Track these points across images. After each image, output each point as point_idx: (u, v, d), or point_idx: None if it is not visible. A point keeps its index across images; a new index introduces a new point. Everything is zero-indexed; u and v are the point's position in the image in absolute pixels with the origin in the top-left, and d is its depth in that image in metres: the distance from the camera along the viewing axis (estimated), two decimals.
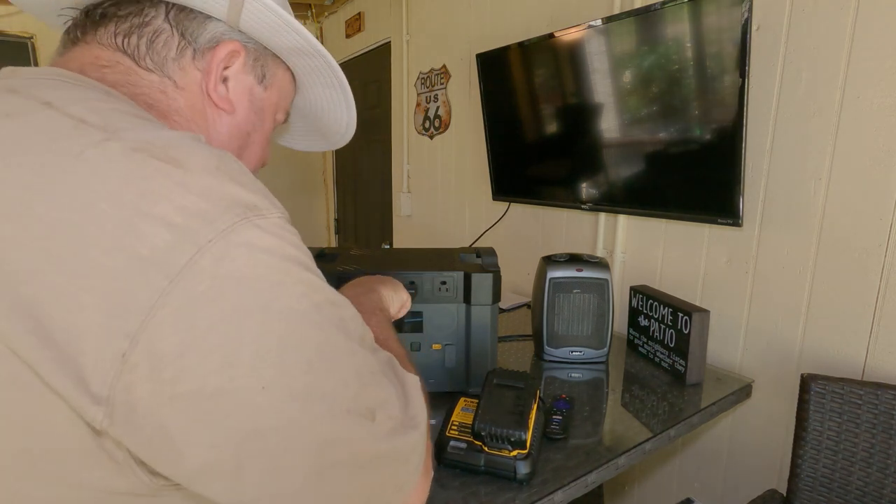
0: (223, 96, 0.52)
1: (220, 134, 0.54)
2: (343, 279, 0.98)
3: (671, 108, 1.23)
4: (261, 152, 0.60)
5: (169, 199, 0.34)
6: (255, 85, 0.55)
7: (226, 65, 0.51)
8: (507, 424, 0.77)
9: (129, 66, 0.47)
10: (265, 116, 0.58)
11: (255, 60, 0.54)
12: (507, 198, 1.86)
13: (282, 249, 0.38)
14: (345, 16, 3.01)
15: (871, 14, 0.97)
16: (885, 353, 1.01)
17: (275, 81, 0.57)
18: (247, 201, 0.37)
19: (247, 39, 0.52)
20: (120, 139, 0.36)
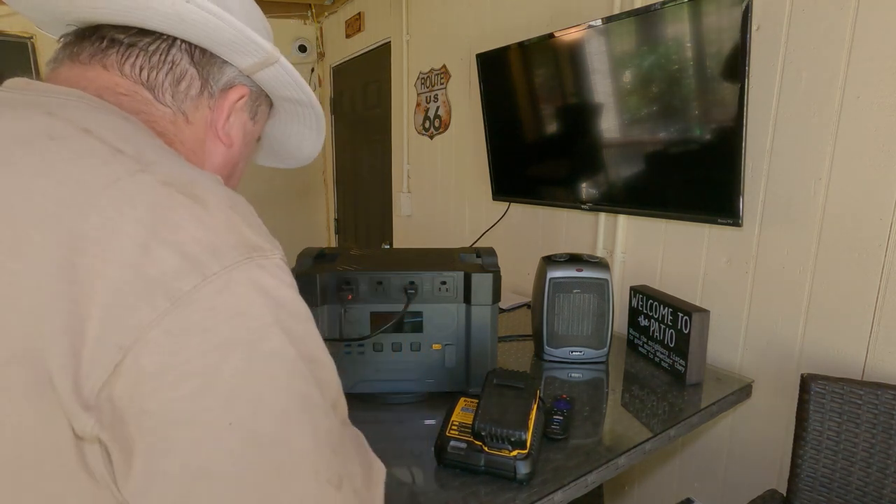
0: (226, 132, 0.57)
1: (215, 163, 0.58)
2: (343, 279, 0.98)
3: (671, 108, 1.23)
4: (241, 175, 0.66)
5: (186, 229, 0.37)
6: (248, 121, 0.60)
7: (235, 104, 0.57)
8: (507, 424, 0.77)
9: (146, 97, 0.50)
10: (251, 145, 0.63)
11: (254, 101, 0.59)
12: (507, 198, 1.86)
13: (279, 291, 0.40)
14: (345, 16, 3.01)
15: (871, 14, 0.97)
16: (885, 353, 1.01)
17: (262, 117, 0.63)
18: (254, 243, 0.41)
19: (252, 83, 0.57)
20: (151, 172, 0.39)
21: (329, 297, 0.99)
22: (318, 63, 3.35)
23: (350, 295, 0.98)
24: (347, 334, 1.00)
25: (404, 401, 1.05)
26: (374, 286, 0.99)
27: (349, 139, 3.22)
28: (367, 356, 1.02)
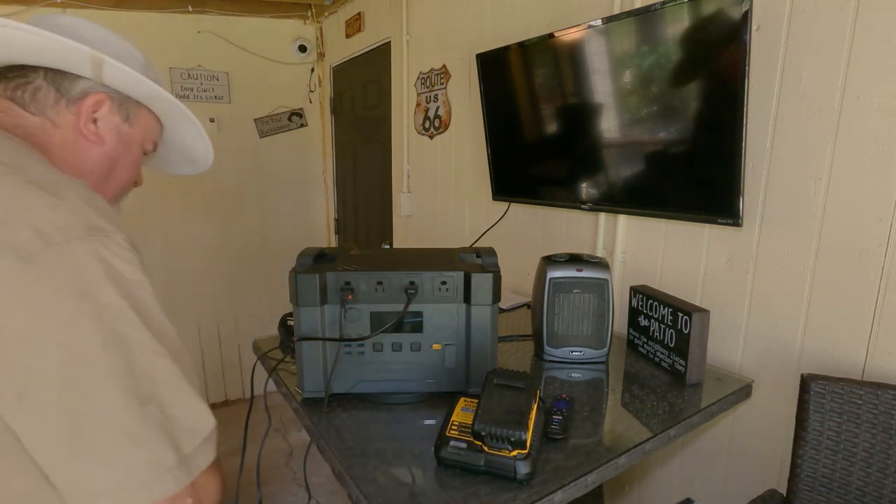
0: (93, 132, 0.69)
1: (91, 160, 0.70)
2: (343, 279, 0.98)
3: (671, 108, 1.23)
4: (130, 174, 0.78)
5: (39, 212, 0.51)
6: (121, 123, 0.73)
7: (94, 110, 0.69)
8: (507, 424, 0.77)
9: (19, 111, 0.65)
10: (132, 147, 0.75)
11: (119, 105, 0.72)
12: (507, 198, 1.86)
13: (113, 260, 0.54)
14: (345, 16, 3.01)
15: (871, 14, 0.97)
16: (885, 353, 1.01)
17: (138, 121, 0.75)
18: (97, 225, 0.54)
19: (112, 91, 0.70)
20: (21, 174, 0.55)
21: (329, 297, 0.99)
22: (318, 63, 3.35)
23: (350, 295, 0.98)
24: (347, 334, 1.00)
25: (404, 401, 1.05)
26: (374, 286, 0.99)
27: (349, 139, 3.22)
28: (367, 356, 1.02)
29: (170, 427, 0.53)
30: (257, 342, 1.35)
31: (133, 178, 0.79)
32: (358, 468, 0.84)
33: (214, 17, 2.98)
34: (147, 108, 0.75)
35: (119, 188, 0.77)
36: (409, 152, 2.53)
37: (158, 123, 0.80)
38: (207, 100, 3.02)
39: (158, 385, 0.53)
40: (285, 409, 1.12)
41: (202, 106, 3.02)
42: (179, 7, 2.85)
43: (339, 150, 3.36)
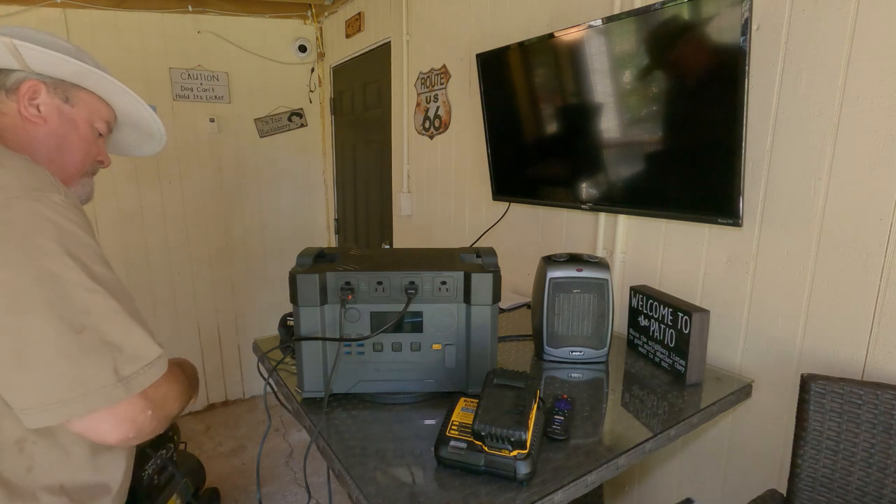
0: (34, 115, 0.79)
1: (37, 138, 0.80)
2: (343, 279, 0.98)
3: (671, 108, 1.23)
4: (83, 150, 0.85)
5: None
6: (62, 104, 0.82)
7: (31, 96, 0.78)
8: (507, 424, 0.77)
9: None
10: (78, 125, 0.84)
11: (55, 89, 0.81)
12: (508, 198, 1.86)
13: (52, 213, 0.63)
14: (345, 16, 3.01)
15: (871, 14, 0.97)
16: (885, 353, 1.01)
17: (79, 101, 0.84)
18: (37, 187, 0.64)
19: (45, 77, 0.80)
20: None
21: (329, 297, 0.99)
22: (318, 63, 3.35)
23: (350, 295, 0.98)
24: (347, 334, 1.00)
25: (404, 401, 1.05)
26: (374, 286, 0.99)
27: (349, 139, 3.22)
28: (367, 356, 1.02)
29: (109, 352, 0.63)
30: (257, 342, 1.35)
31: (92, 156, 0.87)
32: (358, 468, 0.84)
33: (214, 16, 2.98)
34: (87, 90, 0.84)
35: (78, 164, 0.85)
36: (409, 152, 2.53)
37: (105, 104, 0.88)
38: (207, 100, 3.02)
39: (93, 317, 0.63)
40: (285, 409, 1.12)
41: (202, 106, 3.02)
42: (179, 7, 2.85)
43: (339, 150, 3.36)
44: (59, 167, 0.82)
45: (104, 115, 0.88)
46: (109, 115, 0.90)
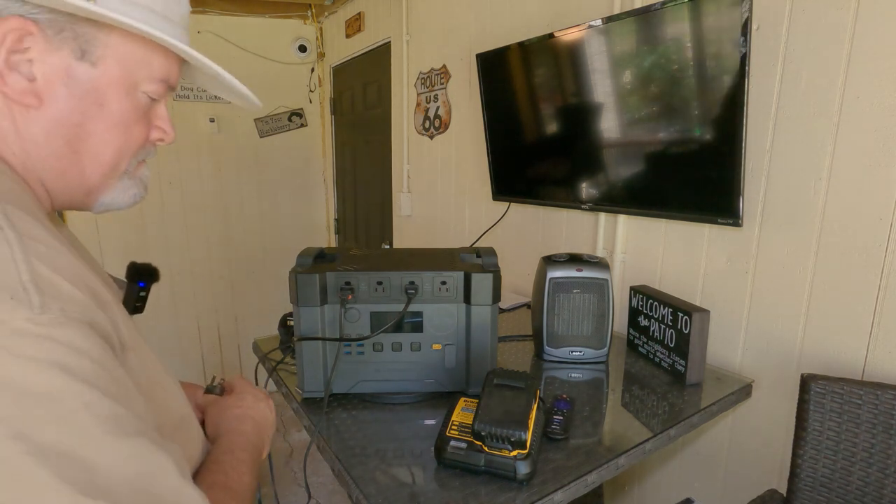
0: (20, 88, 0.42)
1: (35, 135, 0.45)
2: (343, 279, 0.98)
3: (671, 108, 1.23)
4: (118, 140, 0.50)
5: None
6: (73, 63, 0.44)
7: (14, 49, 0.41)
8: (507, 424, 0.77)
9: None
10: (106, 97, 0.47)
11: (59, 33, 0.42)
12: (507, 198, 1.86)
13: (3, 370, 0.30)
14: (345, 16, 3.01)
15: (871, 14, 0.97)
16: (885, 353, 1.01)
17: (109, 52, 0.46)
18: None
19: (34, 10, 0.41)
20: None
21: (329, 297, 0.99)
22: (318, 63, 3.35)
23: (350, 295, 0.98)
24: (347, 334, 1.00)
25: (404, 401, 1.05)
26: (374, 286, 0.99)
27: (349, 139, 3.22)
28: (367, 356, 1.02)
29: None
30: (257, 342, 1.35)
31: (137, 141, 0.52)
32: (358, 468, 0.84)
33: (214, 17, 2.98)
34: (122, 28, 0.45)
35: (109, 163, 0.50)
36: (409, 152, 2.53)
37: (160, 50, 0.50)
38: (207, 100, 3.02)
39: None
40: (285, 409, 1.12)
41: (202, 106, 3.02)
42: None
43: (339, 150, 3.36)
44: (71, 178, 0.49)
45: (158, 69, 0.50)
46: (167, 68, 0.51)
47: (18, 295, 0.32)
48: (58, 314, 0.33)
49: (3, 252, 0.33)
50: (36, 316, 0.32)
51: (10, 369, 0.30)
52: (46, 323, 0.32)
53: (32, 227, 0.36)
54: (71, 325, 0.34)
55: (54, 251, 0.37)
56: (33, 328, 0.32)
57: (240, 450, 0.63)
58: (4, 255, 0.33)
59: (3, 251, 0.33)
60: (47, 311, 0.33)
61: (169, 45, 0.48)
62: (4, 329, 0.31)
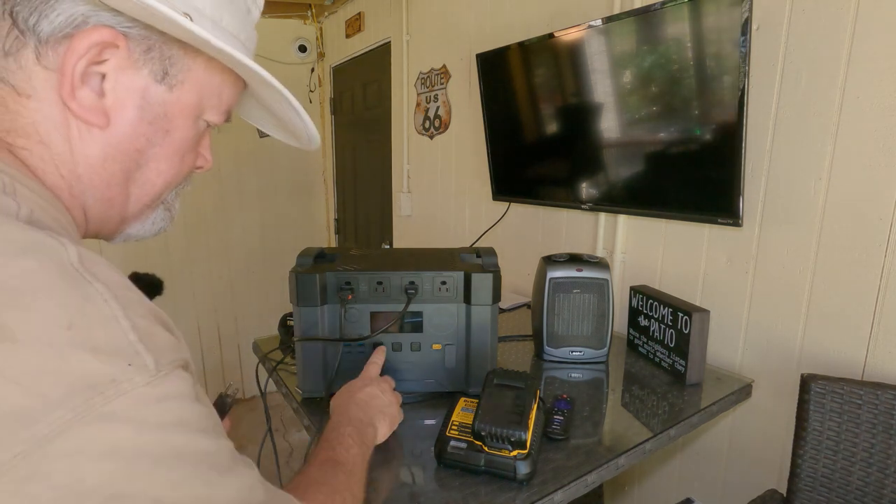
0: (88, 105, 0.38)
1: (92, 158, 0.41)
2: (343, 279, 0.98)
3: (671, 108, 1.23)
4: (174, 167, 0.48)
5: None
6: (151, 85, 0.41)
7: (94, 60, 0.37)
8: (507, 424, 0.77)
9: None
10: (174, 124, 0.44)
11: (146, 52, 0.40)
12: (507, 198, 1.86)
13: (134, 442, 0.30)
14: (345, 16, 3.01)
15: (871, 14, 0.97)
16: (885, 353, 1.01)
17: (189, 77, 0.43)
18: (99, 376, 0.29)
19: (129, 23, 0.38)
20: None
21: (329, 297, 0.99)
22: (318, 63, 3.35)
23: (350, 295, 0.98)
24: (347, 334, 1.00)
25: (404, 401, 1.05)
26: (374, 286, 0.99)
27: (349, 139, 3.22)
28: (367, 356, 1.02)
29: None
30: (257, 342, 1.35)
31: (186, 171, 0.51)
32: None
33: None
34: (206, 54, 0.43)
35: (156, 194, 0.48)
36: (409, 152, 2.53)
37: (232, 76, 0.47)
38: None
39: None
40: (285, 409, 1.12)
41: None
42: None
43: (339, 150, 3.36)
44: (113, 207, 0.45)
45: (226, 100, 0.48)
46: (233, 98, 0.50)
47: (134, 360, 0.31)
48: (166, 369, 0.32)
49: (104, 311, 0.31)
50: (152, 379, 0.31)
51: (144, 439, 0.30)
52: (161, 382, 0.32)
53: (107, 271, 0.34)
54: (176, 375, 0.34)
55: (133, 293, 0.34)
56: (152, 391, 0.31)
57: (343, 425, 0.72)
58: (106, 314, 0.31)
59: (104, 310, 0.31)
60: (160, 369, 0.32)
61: (266, 80, 0.46)
62: (131, 399, 0.30)
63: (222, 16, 0.43)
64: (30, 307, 0.28)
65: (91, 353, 0.29)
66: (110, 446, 0.29)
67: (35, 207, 0.35)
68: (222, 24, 0.43)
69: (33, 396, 0.27)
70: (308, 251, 1.06)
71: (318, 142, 0.59)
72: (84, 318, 0.30)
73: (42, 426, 0.27)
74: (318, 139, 0.58)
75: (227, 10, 0.43)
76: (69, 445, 0.27)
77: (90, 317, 0.30)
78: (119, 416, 0.29)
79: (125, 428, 0.29)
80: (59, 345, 0.28)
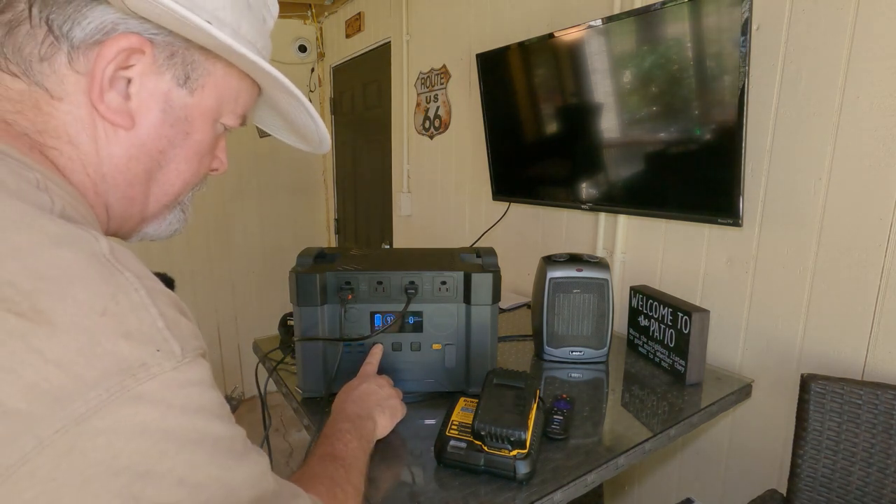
0: (115, 107, 0.41)
1: (115, 157, 0.43)
2: (343, 279, 0.98)
3: (671, 108, 1.23)
4: (192, 168, 0.50)
5: (14, 376, 0.27)
6: (173, 89, 0.43)
7: (121, 65, 0.40)
8: (507, 424, 0.77)
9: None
10: (194, 127, 0.47)
11: (170, 57, 0.42)
12: (507, 198, 1.86)
13: (163, 423, 0.32)
14: (345, 16, 3.01)
15: (871, 14, 0.97)
16: (885, 353, 1.01)
17: (209, 82, 0.46)
18: (131, 360, 0.31)
19: (155, 30, 0.40)
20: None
21: (329, 297, 0.99)
22: (318, 63, 3.35)
23: (350, 295, 0.98)
24: (347, 334, 1.00)
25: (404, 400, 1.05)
26: (374, 286, 0.99)
27: (349, 139, 3.22)
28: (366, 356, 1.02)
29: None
30: (257, 342, 1.35)
31: (203, 173, 0.53)
32: None
33: None
34: (225, 60, 0.46)
35: (174, 195, 0.50)
36: (409, 152, 2.53)
37: (248, 81, 0.51)
38: None
39: None
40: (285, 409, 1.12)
41: None
42: None
43: (339, 150, 3.36)
44: (134, 206, 0.48)
45: (242, 104, 0.51)
46: (250, 102, 0.53)
47: (163, 346, 0.33)
48: (191, 356, 0.35)
49: (134, 300, 0.33)
50: (179, 364, 0.33)
51: (171, 421, 0.32)
52: (186, 368, 0.34)
53: (135, 262, 0.36)
54: (197, 362, 0.36)
55: (158, 283, 0.37)
56: (179, 376, 0.33)
57: (341, 421, 0.74)
58: (137, 302, 0.33)
59: (135, 298, 0.33)
60: (186, 355, 0.34)
61: (284, 85, 0.49)
62: (160, 383, 0.32)
63: (241, 24, 0.46)
64: (66, 294, 0.30)
65: (124, 338, 0.31)
66: (141, 426, 0.31)
67: (65, 204, 0.37)
68: (241, 32, 0.45)
69: (71, 377, 0.29)
70: (308, 251, 1.06)
71: (328, 145, 0.61)
72: (117, 305, 0.32)
73: (79, 404, 0.29)
74: (329, 142, 0.60)
75: (245, 19, 0.46)
76: (104, 424, 0.29)
77: (122, 304, 0.32)
78: (148, 398, 0.31)
79: (155, 409, 0.31)
80: (94, 330, 0.30)
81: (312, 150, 0.63)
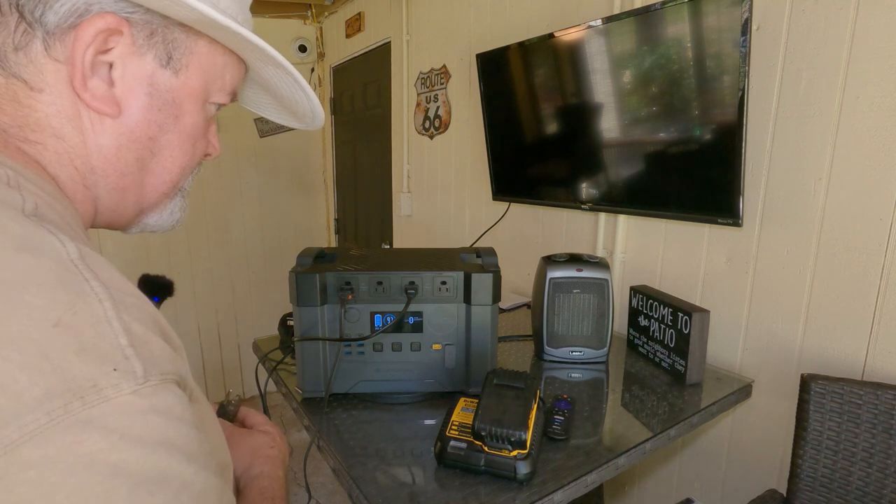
0: (100, 94, 0.38)
1: (104, 147, 0.40)
2: (343, 279, 0.98)
3: (671, 108, 1.23)
4: (188, 153, 0.48)
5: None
6: (157, 70, 0.41)
7: (100, 49, 0.37)
8: (507, 424, 0.77)
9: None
10: (183, 109, 0.44)
11: (149, 37, 0.39)
12: (508, 198, 1.86)
13: (112, 456, 0.26)
14: (345, 16, 3.01)
15: (871, 14, 0.97)
16: (885, 353, 1.01)
17: (193, 61, 0.43)
18: (80, 379, 0.26)
19: (131, 8, 0.38)
20: None
21: (329, 297, 0.99)
22: (318, 63, 3.35)
23: (350, 295, 0.98)
24: (347, 334, 1.00)
25: (404, 401, 1.05)
26: (374, 286, 0.99)
27: (349, 139, 3.22)
28: (367, 356, 1.02)
29: None
30: (257, 342, 1.35)
31: (198, 157, 0.51)
32: (358, 468, 0.84)
33: None
34: (207, 36, 0.44)
35: (172, 182, 0.48)
36: (409, 152, 2.53)
37: (234, 58, 0.48)
38: None
39: None
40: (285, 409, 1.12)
41: None
42: None
43: (339, 150, 3.36)
44: (128, 197, 0.46)
45: (230, 81, 0.49)
46: (237, 79, 0.50)
47: (121, 364, 0.28)
48: (156, 380, 0.30)
49: (96, 311, 0.29)
50: (140, 387, 0.28)
51: (124, 455, 0.27)
52: (149, 393, 0.29)
53: (109, 272, 0.32)
54: (167, 389, 0.31)
55: (134, 297, 0.33)
56: (139, 402, 0.28)
57: (280, 498, 0.61)
58: (98, 315, 0.29)
59: (96, 310, 0.29)
60: (149, 378, 0.29)
61: (268, 54, 0.45)
62: (113, 407, 0.27)
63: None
64: (17, 301, 0.27)
65: (76, 353, 0.27)
66: (85, 458, 0.26)
67: (39, 201, 0.35)
68: (220, 6, 0.42)
69: (7, 396, 0.25)
70: (308, 251, 1.06)
71: (322, 119, 0.58)
72: (74, 316, 0.28)
73: (12, 430, 0.24)
74: (323, 116, 0.57)
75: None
76: (39, 454, 0.25)
77: (81, 316, 0.28)
78: (98, 425, 0.26)
79: (104, 439, 0.26)
80: (43, 343, 0.26)
81: (306, 127, 0.61)
